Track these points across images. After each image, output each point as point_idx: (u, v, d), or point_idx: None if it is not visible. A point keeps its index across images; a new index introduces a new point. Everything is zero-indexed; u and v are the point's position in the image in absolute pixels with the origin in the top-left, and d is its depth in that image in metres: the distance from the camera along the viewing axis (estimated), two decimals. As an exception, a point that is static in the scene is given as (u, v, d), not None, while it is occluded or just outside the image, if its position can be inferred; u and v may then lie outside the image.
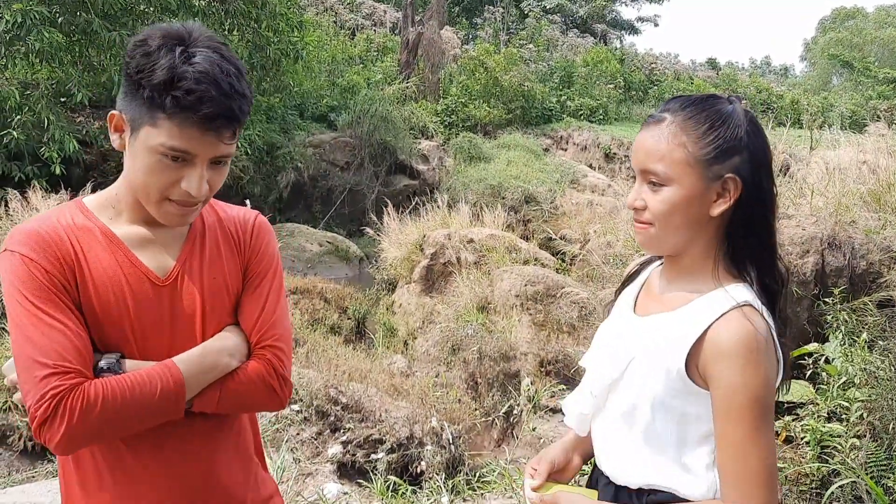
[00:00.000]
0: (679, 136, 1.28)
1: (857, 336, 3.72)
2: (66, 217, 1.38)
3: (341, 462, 4.52)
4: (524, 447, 5.33)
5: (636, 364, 1.33)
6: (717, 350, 1.21)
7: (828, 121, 19.45)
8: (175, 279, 1.42)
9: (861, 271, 4.32)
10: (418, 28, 18.31)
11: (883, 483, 3.03)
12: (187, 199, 1.33)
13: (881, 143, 6.11)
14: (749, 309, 1.22)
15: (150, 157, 1.29)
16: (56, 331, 1.26)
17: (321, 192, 15.06)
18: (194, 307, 1.43)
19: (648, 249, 1.38)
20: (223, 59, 1.31)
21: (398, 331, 8.29)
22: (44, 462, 4.66)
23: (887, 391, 3.38)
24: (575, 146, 16.69)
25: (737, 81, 22.09)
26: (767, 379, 1.20)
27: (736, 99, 1.32)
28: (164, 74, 1.23)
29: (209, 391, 1.39)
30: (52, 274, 1.30)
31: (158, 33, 1.28)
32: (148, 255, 1.40)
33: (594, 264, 7.49)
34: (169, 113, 1.24)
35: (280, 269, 1.57)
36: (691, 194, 1.27)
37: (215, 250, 1.49)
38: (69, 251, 1.33)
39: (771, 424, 1.21)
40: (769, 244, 1.30)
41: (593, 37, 24.86)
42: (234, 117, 1.29)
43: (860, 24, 39.00)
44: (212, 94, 1.24)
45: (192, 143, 1.27)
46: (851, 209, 4.70)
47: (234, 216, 1.55)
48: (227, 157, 1.36)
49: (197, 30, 1.31)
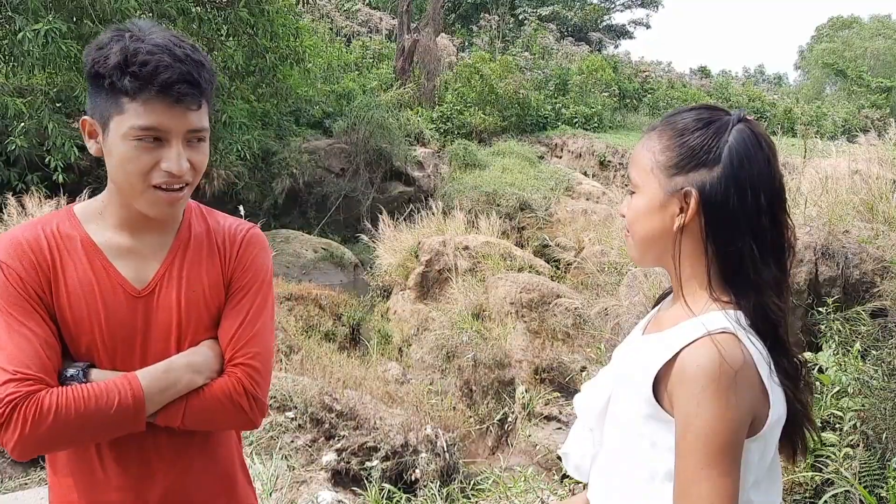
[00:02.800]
0: (652, 143, 1.23)
1: (851, 345, 3.73)
2: (51, 225, 1.38)
3: (336, 469, 4.51)
4: (519, 455, 5.34)
5: (617, 387, 1.26)
6: (680, 377, 1.10)
7: (821, 129, 19.57)
8: (153, 290, 1.39)
9: (854, 281, 4.35)
10: (414, 35, 18.38)
11: (876, 492, 3.04)
12: (170, 179, 1.30)
13: (872, 152, 6.16)
14: (725, 336, 1.10)
15: (125, 145, 1.28)
16: (22, 337, 1.27)
17: (316, 198, 15.05)
18: (170, 320, 1.40)
19: (631, 259, 1.31)
20: (175, 36, 1.31)
21: (393, 338, 8.28)
22: (36, 469, 4.63)
23: (880, 401, 3.39)
24: (570, 154, 16.75)
25: (729, 89, 22.19)
26: (728, 413, 1.06)
27: (738, 113, 1.20)
28: (118, 56, 1.24)
29: (173, 406, 1.35)
30: (27, 281, 1.30)
31: (110, 31, 1.29)
32: (127, 265, 1.39)
33: (589, 272, 7.51)
34: (130, 92, 1.24)
35: (267, 284, 1.51)
36: (652, 203, 1.20)
37: (198, 261, 1.45)
38: (46, 259, 1.33)
39: (729, 465, 1.06)
40: (746, 273, 1.16)
41: (588, 45, 24.97)
42: (194, 82, 1.27)
43: (855, 33, 39.28)
44: (167, 62, 1.24)
45: (161, 117, 1.26)
46: (845, 219, 4.73)
47: (225, 227, 1.51)
48: (202, 131, 1.33)
49: (148, 23, 1.32)
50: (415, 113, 17.26)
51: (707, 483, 1.05)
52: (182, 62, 1.26)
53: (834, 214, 4.67)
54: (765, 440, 1.13)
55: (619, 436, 1.23)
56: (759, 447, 1.13)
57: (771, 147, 1.18)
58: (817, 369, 3.73)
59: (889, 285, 4.17)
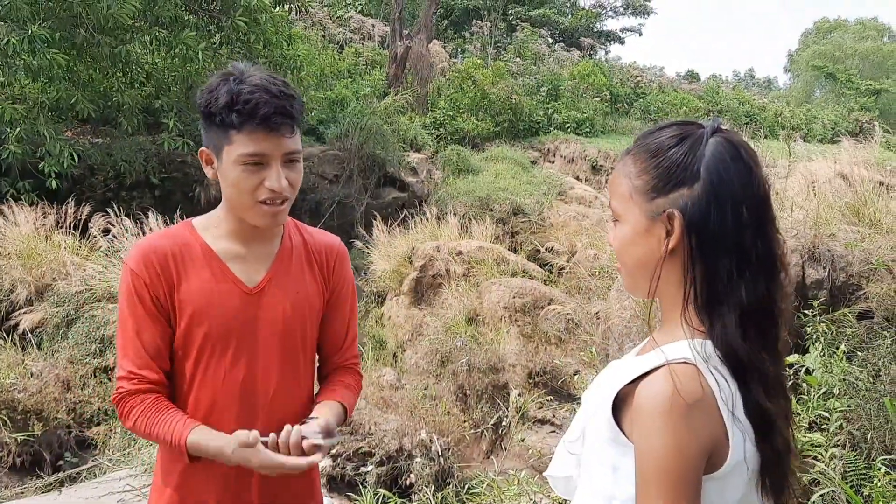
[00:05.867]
0: (628, 168, 1.17)
1: (837, 347, 3.79)
2: (174, 235, 1.66)
3: (331, 475, 4.55)
4: (513, 458, 5.38)
5: (593, 408, 1.21)
6: (635, 409, 1.06)
7: (811, 132, 19.68)
8: (262, 289, 1.66)
9: (841, 283, 4.41)
10: (406, 42, 18.43)
11: (862, 492, 3.09)
12: (273, 195, 1.55)
13: (859, 155, 6.23)
14: (684, 367, 1.04)
15: (235, 170, 1.54)
16: (139, 340, 1.59)
17: (310, 204, 15.06)
18: (277, 316, 1.66)
19: (627, 290, 1.24)
20: (271, 76, 1.57)
21: (387, 343, 8.31)
22: (33, 478, 4.66)
23: (866, 401, 3.45)
24: (562, 158, 16.80)
25: (720, 94, 22.29)
26: (679, 446, 1.00)
27: (713, 124, 1.13)
28: (226, 97, 1.50)
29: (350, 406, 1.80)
30: (150, 287, 1.59)
31: (217, 76, 1.56)
32: (239, 268, 1.66)
33: (581, 276, 7.56)
34: (237, 126, 1.51)
35: (355, 292, 1.89)
36: (636, 230, 1.15)
37: (299, 269, 1.74)
38: (169, 266, 1.60)
39: (685, 500, 1.01)
40: (723, 298, 1.08)
41: (579, 50, 25.07)
42: (287, 113, 1.53)
43: (842, 36, 39.53)
44: (265, 98, 1.49)
45: (262, 145, 1.52)
46: (831, 222, 4.79)
47: (320, 241, 1.82)
48: (296, 153, 1.59)
49: (247, 66, 1.59)
50: (408, 119, 17.30)
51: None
52: (277, 98, 1.51)
53: (820, 218, 4.73)
54: (723, 482, 1.06)
55: (588, 456, 1.20)
56: (717, 487, 1.06)
57: (751, 156, 1.12)
58: (804, 371, 3.79)
59: (875, 288, 4.23)
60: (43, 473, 4.82)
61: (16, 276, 6.95)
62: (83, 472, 4.70)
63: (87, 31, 8.44)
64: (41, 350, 6.00)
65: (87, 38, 8.47)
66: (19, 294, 6.85)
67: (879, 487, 2.94)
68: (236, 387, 1.62)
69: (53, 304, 6.65)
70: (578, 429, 1.26)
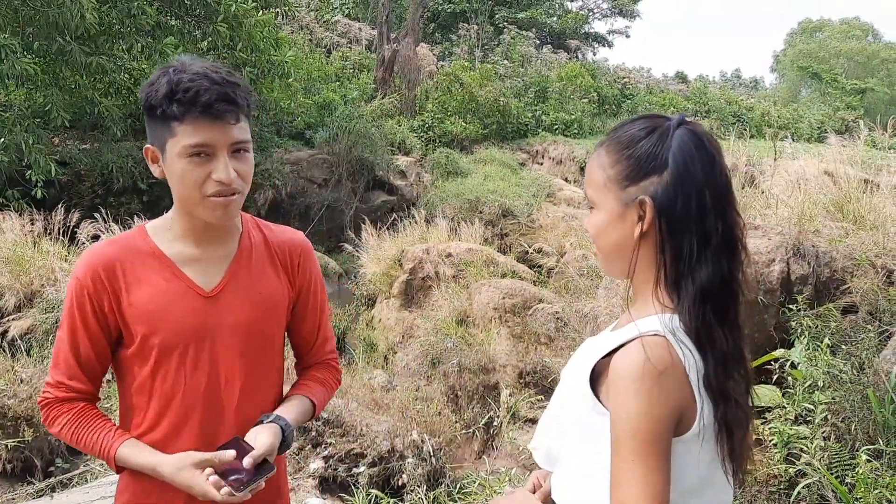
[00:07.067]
0: (601, 159, 1.27)
1: (822, 341, 3.84)
2: (124, 242, 1.59)
3: (323, 477, 4.55)
4: (504, 458, 5.40)
5: (572, 380, 1.30)
6: (612, 376, 1.15)
7: (798, 131, 19.85)
8: (220, 292, 1.59)
9: (825, 279, 4.47)
10: (394, 45, 18.47)
11: (846, 482, 3.14)
12: (221, 188, 1.48)
13: (842, 153, 6.30)
14: (654, 339, 1.14)
15: (180, 163, 1.46)
16: (73, 348, 1.55)
17: (299, 208, 15.06)
18: (237, 319, 1.59)
19: (602, 272, 1.36)
20: (214, 64, 1.51)
21: (378, 345, 8.33)
22: (24, 484, 4.64)
23: (850, 394, 3.51)
24: (550, 160, 16.88)
25: (707, 94, 22.44)
26: (651, 409, 1.10)
27: (678, 117, 1.23)
28: (166, 87, 1.43)
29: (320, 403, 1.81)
30: (93, 297, 1.53)
31: (158, 70, 1.50)
32: (195, 271, 1.58)
33: (570, 276, 7.61)
34: (179, 116, 1.43)
35: (323, 285, 1.82)
36: (611, 217, 1.24)
37: (261, 268, 1.66)
38: (116, 274, 1.54)
39: (655, 459, 1.10)
40: (688, 277, 1.17)
41: (567, 52, 25.18)
42: (231, 100, 1.45)
43: (827, 36, 39.88)
44: (206, 85, 1.43)
45: (206, 134, 1.44)
46: (815, 219, 4.84)
47: (282, 238, 1.73)
48: (244, 142, 1.51)
49: (188, 57, 1.51)
50: (396, 122, 17.33)
51: (638, 474, 1.09)
52: (219, 84, 1.44)
53: (805, 215, 4.78)
54: (690, 444, 1.15)
55: (571, 427, 1.28)
56: (686, 448, 1.15)
57: (714, 146, 1.21)
58: (790, 365, 3.84)
59: (858, 283, 4.29)
60: (34, 480, 4.80)
61: (4, 283, 6.93)
62: (74, 477, 4.69)
63: (64, 39, 8.39)
64: (30, 356, 5.97)
65: (62, 46, 8.42)
66: (8, 301, 6.83)
67: (862, 475, 2.98)
68: (198, 394, 1.56)
69: (42, 310, 6.63)
70: (558, 402, 1.35)
